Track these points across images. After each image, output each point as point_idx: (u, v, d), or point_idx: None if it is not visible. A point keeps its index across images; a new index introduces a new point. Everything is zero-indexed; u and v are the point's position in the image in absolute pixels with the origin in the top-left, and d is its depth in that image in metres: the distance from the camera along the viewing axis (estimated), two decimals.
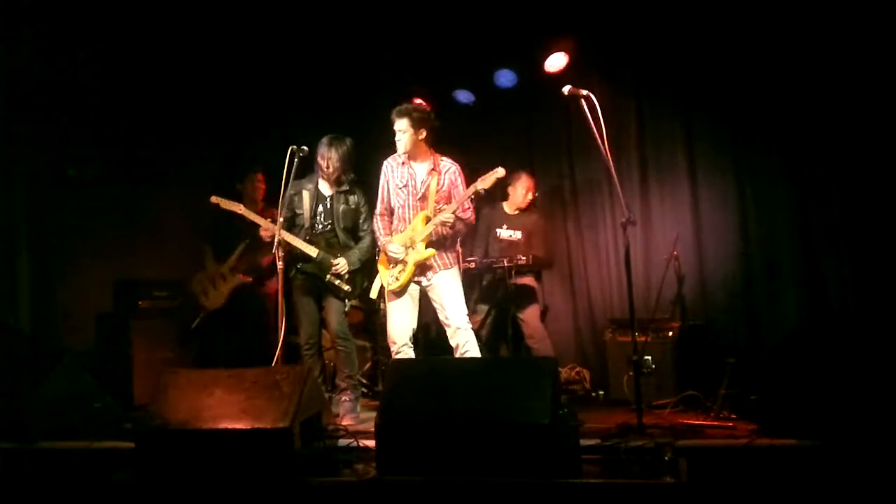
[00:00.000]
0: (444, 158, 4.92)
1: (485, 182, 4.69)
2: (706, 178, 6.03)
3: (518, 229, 6.09)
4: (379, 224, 4.99)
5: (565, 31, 6.01)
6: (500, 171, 4.68)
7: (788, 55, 5.51)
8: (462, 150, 5.32)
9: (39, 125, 5.71)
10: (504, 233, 6.12)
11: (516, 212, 6.17)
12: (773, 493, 3.49)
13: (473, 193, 4.75)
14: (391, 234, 4.92)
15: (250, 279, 5.97)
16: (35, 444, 4.32)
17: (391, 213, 4.98)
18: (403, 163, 4.91)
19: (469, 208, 4.89)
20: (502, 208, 6.19)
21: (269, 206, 5.66)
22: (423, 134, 4.81)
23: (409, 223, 4.85)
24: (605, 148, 4.41)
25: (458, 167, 4.91)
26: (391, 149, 4.96)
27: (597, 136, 4.40)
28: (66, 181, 5.95)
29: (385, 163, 4.99)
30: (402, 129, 4.77)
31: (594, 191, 6.46)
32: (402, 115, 4.78)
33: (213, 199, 5.24)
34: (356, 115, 6.45)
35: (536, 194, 6.24)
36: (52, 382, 4.98)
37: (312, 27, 6.16)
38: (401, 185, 4.89)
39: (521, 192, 6.09)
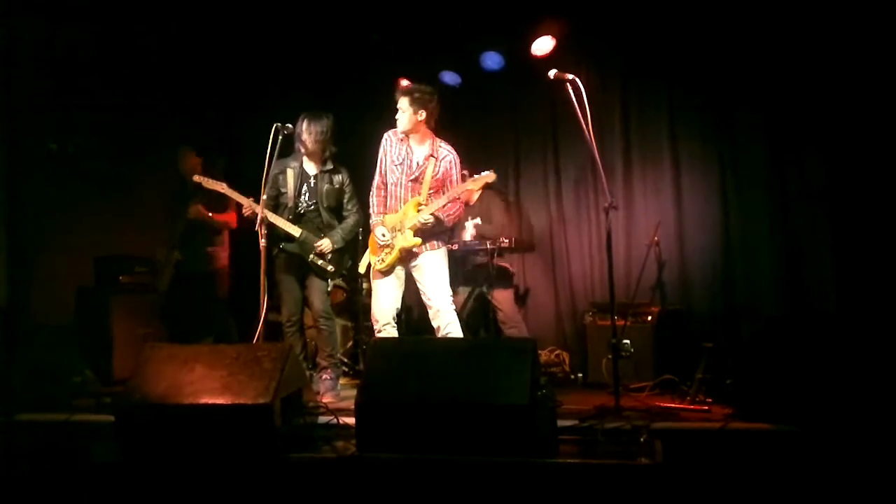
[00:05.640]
0: (442, 144, 4.86)
1: (475, 183, 4.75)
2: (689, 165, 6.07)
3: (478, 215, 6.11)
4: (374, 200, 4.91)
5: (553, 15, 6.01)
6: (490, 177, 4.70)
7: (774, 44, 5.53)
8: (447, 131, 5.32)
9: (21, 99, 5.64)
10: (469, 224, 6.15)
11: (475, 199, 6.19)
12: (746, 475, 3.54)
13: (461, 192, 4.78)
14: (384, 213, 4.87)
15: (180, 256, 5.89)
16: (14, 416, 4.31)
17: (387, 188, 4.90)
18: (402, 139, 4.85)
19: (455, 207, 4.83)
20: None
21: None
22: (423, 115, 4.74)
23: (401, 202, 4.82)
24: (590, 133, 4.43)
25: (456, 157, 4.84)
26: (382, 126, 4.94)
27: (581, 120, 4.42)
28: (47, 155, 5.89)
29: (385, 135, 4.90)
30: (402, 108, 4.74)
31: (578, 175, 6.48)
32: (403, 93, 4.76)
33: (196, 178, 5.23)
34: (342, 95, 6.46)
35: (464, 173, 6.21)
36: (31, 356, 4.96)
37: (301, 6, 6.12)
38: (397, 162, 4.84)
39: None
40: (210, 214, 5.71)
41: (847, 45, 5.16)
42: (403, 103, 4.74)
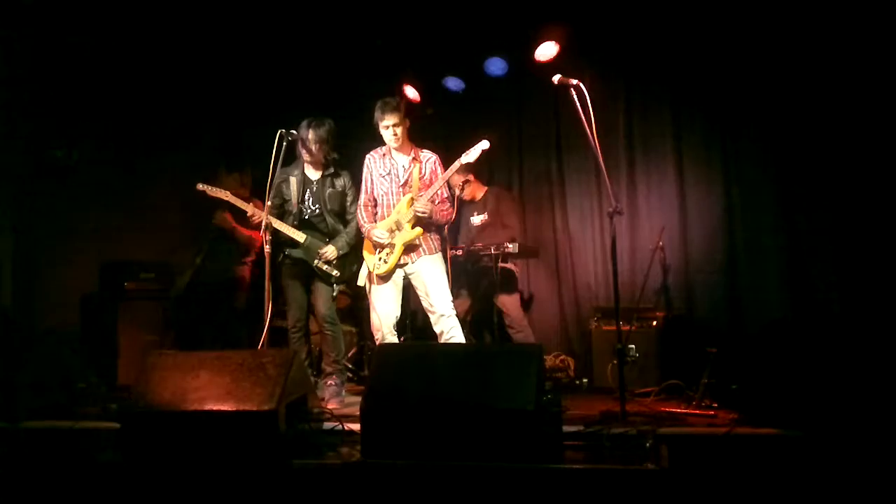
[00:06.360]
0: (423, 150, 5.01)
1: (469, 155, 4.75)
2: (693, 170, 6.05)
3: (484, 211, 6.13)
4: (363, 213, 5.03)
5: (556, 21, 6.02)
6: (484, 144, 4.73)
7: (778, 49, 5.53)
8: (450, 137, 5.34)
9: (27, 106, 5.66)
10: (475, 219, 6.19)
11: (480, 196, 6.21)
12: (752, 480, 3.53)
13: (459, 167, 4.81)
14: (374, 222, 4.96)
15: (199, 261, 5.93)
16: (20, 423, 4.31)
17: (374, 203, 5.03)
18: (384, 154, 4.99)
19: (447, 199, 4.97)
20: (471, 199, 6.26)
21: (253, 196, 5.66)
22: (408, 124, 4.92)
23: (393, 209, 4.89)
24: (594, 137, 4.43)
25: (438, 158, 4.99)
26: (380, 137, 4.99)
27: (585, 125, 4.42)
28: (54, 162, 5.91)
29: (367, 156, 5.06)
30: (396, 122, 4.82)
31: (582, 180, 6.48)
32: (394, 108, 4.84)
33: (200, 186, 5.23)
34: (348, 101, 6.44)
35: (467, 181, 6.12)
36: (37, 363, 4.97)
37: (306, 13, 6.13)
38: (384, 174, 4.96)
39: (466, 191, 6.15)
40: (235, 225, 5.74)
41: (850, 52, 5.16)
42: (397, 117, 4.84)
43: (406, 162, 4.95)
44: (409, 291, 5.01)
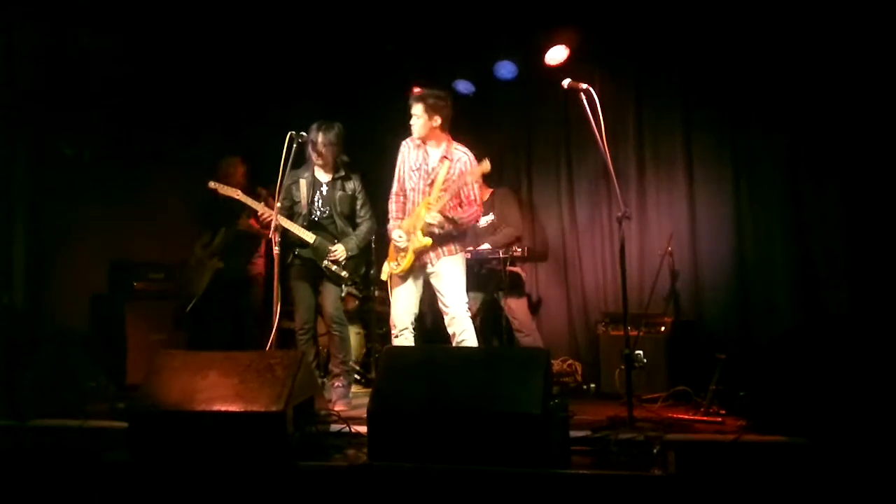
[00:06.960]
0: (458, 146, 4.87)
1: (471, 176, 4.72)
2: (703, 176, 6.03)
3: (489, 212, 6.12)
4: (393, 206, 4.96)
5: (566, 24, 6.01)
6: (485, 166, 4.70)
7: (791, 51, 5.51)
8: (460, 140, 5.33)
9: (37, 105, 5.68)
10: (482, 221, 6.15)
11: (487, 199, 6.21)
12: (759, 488, 3.52)
13: (459, 187, 4.75)
14: (402, 218, 4.90)
15: (221, 265, 5.96)
16: (28, 422, 4.33)
17: (405, 194, 4.93)
18: (418, 145, 4.88)
19: (471, 210, 4.83)
20: None
21: (254, 186, 5.68)
22: (438, 121, 4.77)
23: (417, 208, 4.85)
24: (604, 142, 4.43)
25: (471, 157, 4.82)
26: (396, 136, 4.97)
27: (595, 129, 4.42)
28: (63, 161, 5.93)
29: (403, 143, 4.95)
30: (417, 115, 4.77)
31: (591, 184, 6.46)
32: (417, 100, 4.77)
33: (211, 184, 5.26)
34: (357, 103, 6.47)
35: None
36: (45, 361, 4.99)
37: (316, 13, 6.15)
38: (414, 168, 4.87)
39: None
40: (259, 227, 5.77)
41: (865, 51, 5.14)
42: (418, 109, 4.76)
43: (436, 160, 4.85)
44: (424, 292, 4.98)
